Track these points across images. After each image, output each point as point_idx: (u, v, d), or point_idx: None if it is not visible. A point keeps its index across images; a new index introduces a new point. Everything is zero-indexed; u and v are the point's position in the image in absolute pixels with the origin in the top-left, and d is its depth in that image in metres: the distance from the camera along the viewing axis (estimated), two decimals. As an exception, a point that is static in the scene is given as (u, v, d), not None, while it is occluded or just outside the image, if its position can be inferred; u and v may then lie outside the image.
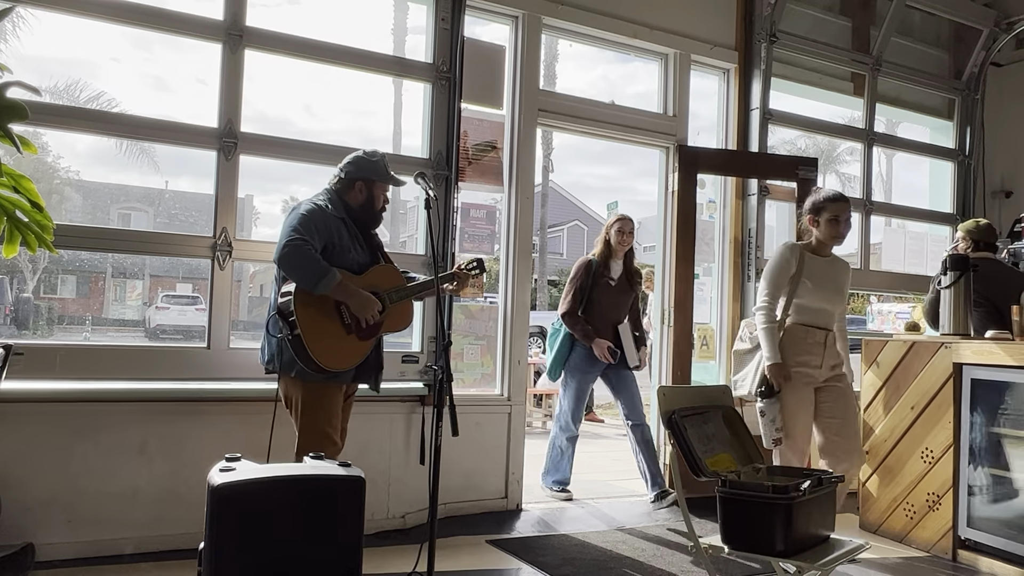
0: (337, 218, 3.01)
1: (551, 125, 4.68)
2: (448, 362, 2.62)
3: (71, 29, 3.22)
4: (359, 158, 3.12)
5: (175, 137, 3.59)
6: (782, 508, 2.19)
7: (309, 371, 2.88)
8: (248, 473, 2.09)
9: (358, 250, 3.04)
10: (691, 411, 2.49)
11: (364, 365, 3.05)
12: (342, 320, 2.91)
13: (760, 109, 4.98)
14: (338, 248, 2.96)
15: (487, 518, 4.11)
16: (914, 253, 5.85)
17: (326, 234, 2.93)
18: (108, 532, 3.27)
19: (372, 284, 3.00)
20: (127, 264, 16.49)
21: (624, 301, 4.72)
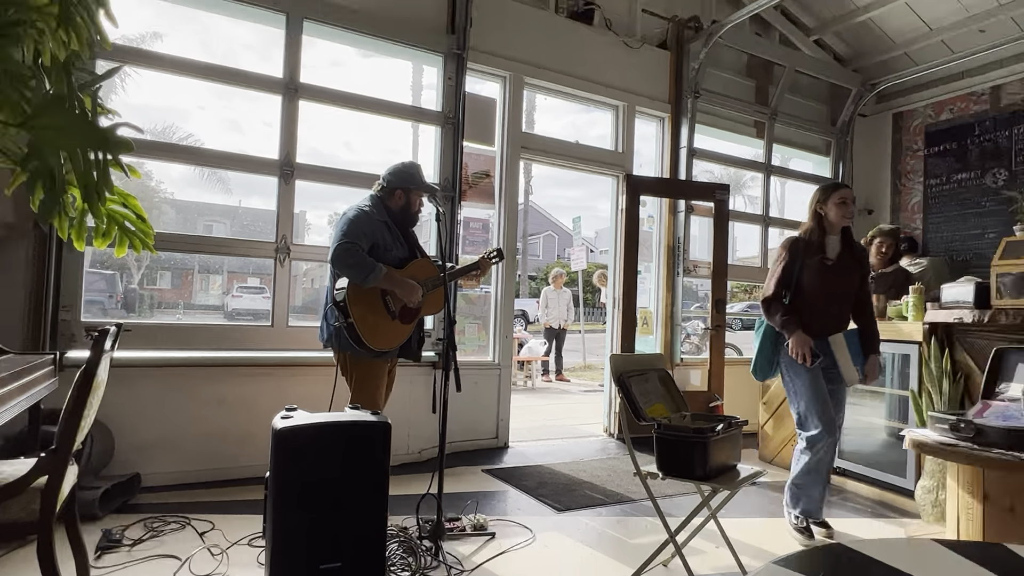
0: (380, 221, 2.84)
1: (531, 159, 4.67)
2: (453, 336, 2.60)
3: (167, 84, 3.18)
4: (398, 169, 2.89)
5: (246, 166, 3.55)
6: (701, 444, 2.20)
7: (361, 351, 2.77)
8: (302, 420, 2.07)
9: (399, 247, 2.88)
10: (635, 372, 2.49)
11: (407, 343, 2.91)
12: (387, 309, 2.78)
13: (687, 148, 4.99)
14: (382, 247, 2.81)
15: (482, 453, 4.12)
16: (800, 255, 5.89)
17: (372, 235, 2.76)
18: (196, 464, 3.26)
19: (412, 275, 2.85)
20: (210, 263, 16.31)
21: (845, 286, 2.89)
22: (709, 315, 4.95)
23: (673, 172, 5.05)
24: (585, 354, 11.20)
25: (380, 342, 2.74)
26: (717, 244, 4.93)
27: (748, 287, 23.39)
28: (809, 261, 2.86)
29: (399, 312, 2.80)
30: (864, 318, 2.96)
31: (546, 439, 4.74)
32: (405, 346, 2.91)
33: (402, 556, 2.39)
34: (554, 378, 8.95)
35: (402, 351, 2.93)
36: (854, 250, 2.93)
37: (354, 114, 3.89)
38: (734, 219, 5.45)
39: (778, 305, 2.87)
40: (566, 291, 9.10)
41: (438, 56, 4.10)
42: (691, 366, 5.02)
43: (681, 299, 4.99)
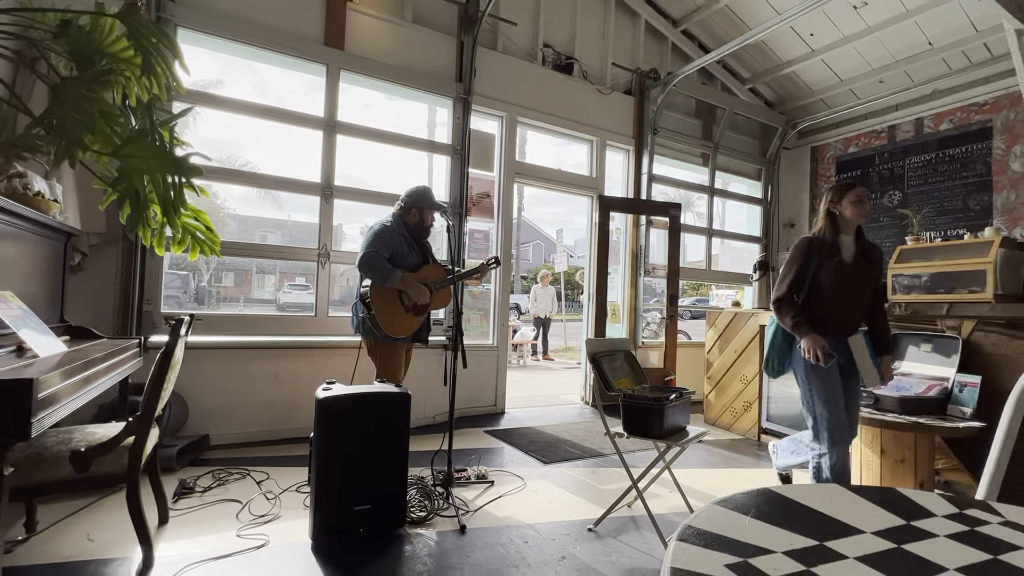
0: (399, 233, 2.88)
1: (523, 182, 4.66)
2: (460, 324, 2.60)
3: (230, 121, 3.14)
4: (413, 192, 2.92)
5: (294, 188, 3.53)
6: (659, 410, 2.21)
7: (380, 335, 2.82)
8: (340, 391, 2.07)
9: (414, 255, 2.92)
10: (605, 353, 2.50)
11: (418, 331, 2.95)
12: (402, 304, 2.83)
13: (648, 173, 4.98)
14: (399, 255, 2.86)
15: (484, 418, 4.12)
16: (736, 260, 5.90)
17: (391, 245, 2.80)
18: (255, 427, 3.25)
19: (424, 278, 2.89)
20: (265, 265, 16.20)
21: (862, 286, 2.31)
22: (664, 307, 4.96)
23: (636, 193, 5.05)
24: (566, 338, 11.20)
25: (396, 330, 2.80)
26: (671, 251, 4.94)
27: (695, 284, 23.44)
28: (826, 262, 2.27)
29: (412, 307, 2.84)
30: (877, 318, 2.36)
31: (535, 406, 4.75)
32: (416, 333, 2.95)
33: (420, 500, 2.40)
34: (541, 358, 8.95)
35: (414, 336, 2.97)
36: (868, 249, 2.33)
37: (380, 146, 3.88)
38: (685, 231, 5.46)
39: (789, 307, 2.29)
40: (551, 288, 9.10)
41: (448, 99, 4.08)
42: (650, 348, 5.04)
43: (642, 294, 5.00)
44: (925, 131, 5.01)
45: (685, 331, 9.31)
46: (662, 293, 5.10)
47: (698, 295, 22.03)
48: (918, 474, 2.46)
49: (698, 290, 23.13)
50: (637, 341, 4.94)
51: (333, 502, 1.99)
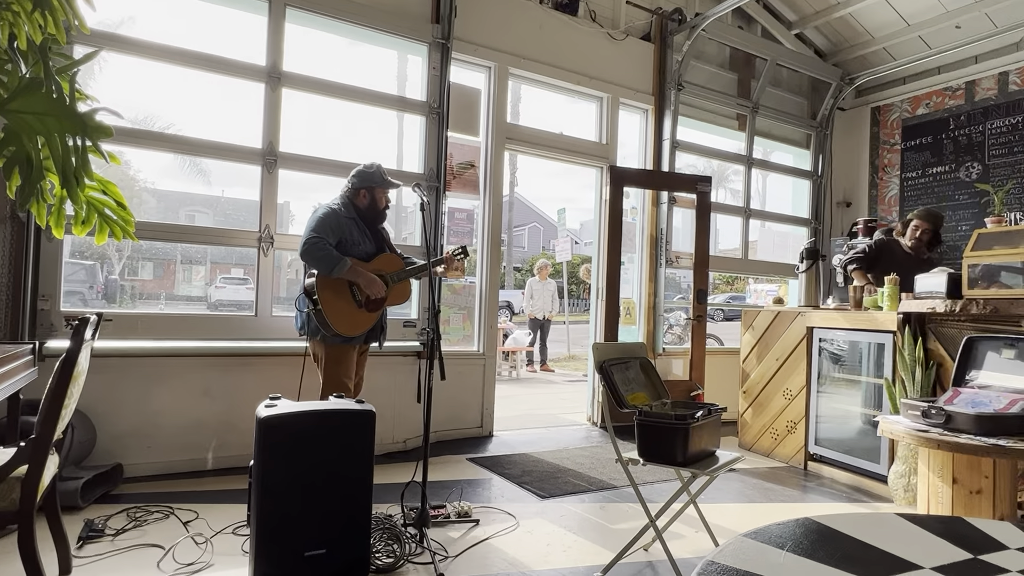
0: (348, 218, 2.98)
1: (515, 149, 4.66)
2: (437, 326, 2.61)
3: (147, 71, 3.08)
4: (360, 171, 3.06)
5: (229, 155, 3.50)
6: (682, 431, 2.23)
7: (329, 335, 2.89)
8: (286, 408, 2.07)
9: (366, 243, 3.02)
10: (617, 361, 2.52)
11: (372, 330, 3.04)
12: (353, 297, 2.92)
13: (670, 139, 5.01)
14: (349, 242, 2.95)
15: (467, 442, 4.14)
16: (779, 247, 5.95)
17: (339, 231, 2.91)
18: (180, 454, 3.24)
19: (378, 268, 2.98)
20: (192, 253, 16.09)
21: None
22: (691, 305, 4.99)
23: (656, 164, 5.07)
24: (569, 344, 11.25)
25: (346, 327, 2.89)
26: (699, 235, 4.97)
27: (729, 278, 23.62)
28: None
29: (365, 301, 2.93)
30: None
31: (530, 428, 4.77)
32: (369, 332, 3.03)
33: (387, 543, 2.40)
34: (538, 368, 8.98)
35: (368, 336, 3.05)
36: None
37: (338, 103, 3.85)
38: (716, 211, 5.48)
39: None
40: (551, 282, 9.13)
41: (422, 45, 4.06)
42: (673, 356, 5.07)
43: (664, 290, 5.03)
44: (1011, 89, 5.07)
45: (716, 335, 9.39)
46: (688, 288, 5.14)
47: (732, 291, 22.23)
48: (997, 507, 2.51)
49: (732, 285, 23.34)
50: (657, 347, 4.98)
51: (278, 547, 1.99)
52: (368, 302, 2.94)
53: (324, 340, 2.93)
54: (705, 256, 4.98)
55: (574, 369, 9.46)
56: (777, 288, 5.91)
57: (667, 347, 5.12)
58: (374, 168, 3.06)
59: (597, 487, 3.30)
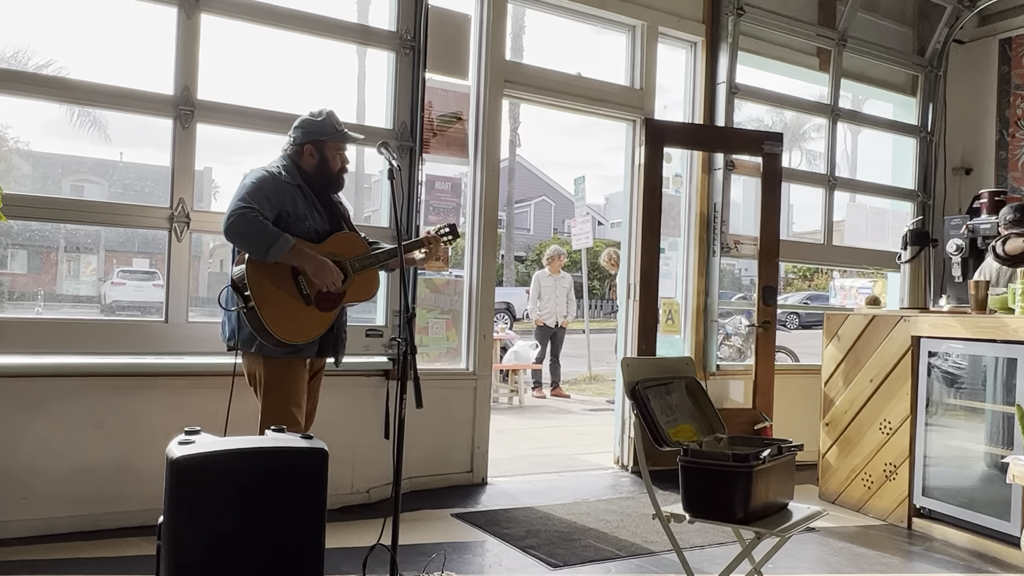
0: (291, 185, 2.94)
1: (517, 96, 4.65)
2: (412, 335, 2.60)
3: (18, -9, 3.07)
4: (304, 120, 3.04)
5: (129, 104, 3.49)
6: (742, 476, 2.23)
7: (269, 346, 2.84)
8: (207, 446, 2.07)
9: (316, 218, 2.98)
10: (654, 382, 2.52)
11: (327, 338, 3.00)
12: (300, 290, 2.86)
13: (727, 83, 5.00)
14: (292, 217, 2.89)
15: (452, 492, 4.13)
16: (876, 229, 5.95)
17: (278, 202, 2.87)
18: (64, 509, 3.23)
19: (332, 252, 2.93)
20: (80, 237, 16.10)
21: None
22: (755, 308, 4.99)
23: (708, 116, 5.06)
24: (590, 361, 11.25)
25: (289, 331, 2.83)
26: (766, 213, 4.97)
27: (808, 271, 23.60)
28: None
29: (316, 296, 2.89)
30: None
31: (537, 473, 4.76)
32: (323, 340, 2.99)
33: (344, 628, 2.40)
34: (549, 393, 8.99)
35: (323, 347, 3.02)
36: None
37: (277, 35, 3.84)
38: (789, 180, 5.48)
39: None
40: (565, 277, 9.13)
41: (391, -45, 4.07)
42: (731, 375, 5.06)
43: (718, 287, 5.03)
44: None
45: (787, 348, 9.37)
46: (751, 285, 5.14)
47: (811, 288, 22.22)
48: None
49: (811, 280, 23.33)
50: (708, 364, 4.98)
51: (198, 632, 2.00)
52: (320, 297, 2.89)
53: (262, 353, 2.88)
54: (774, 241, 4.97)
55: (596, 394, 9.45)
56: (871, 284, 5.90)
57: (722, 364, 5.12)
58: (323, 116, 3.04)
59: (628, 553, 3.30)
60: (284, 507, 2.08)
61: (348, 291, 2.97)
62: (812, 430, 4.55)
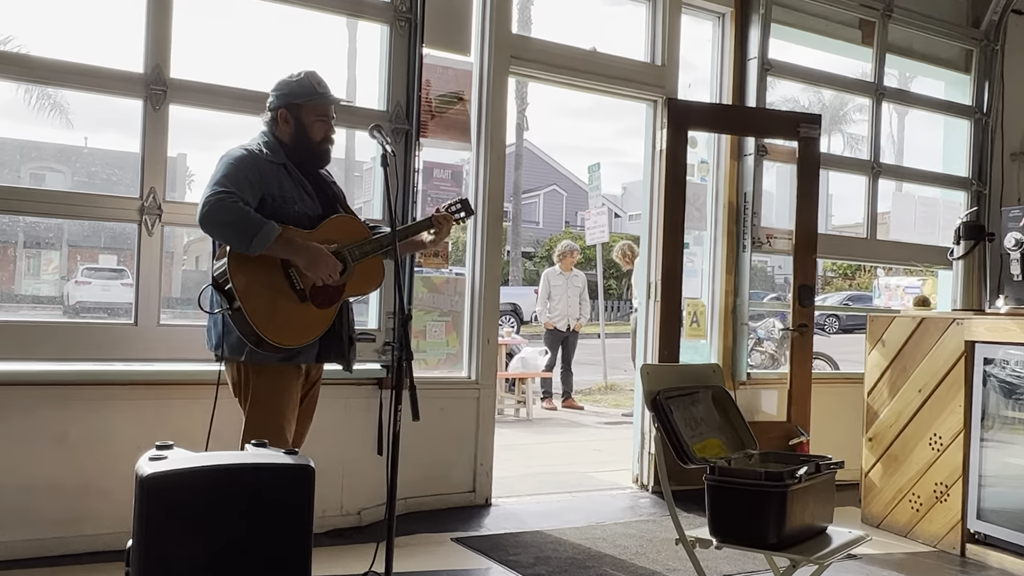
0: (274, 164, 2.86)
1: (525, 74, 4.64)
2: (408, 339, 2.60)
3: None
4: (279, 82, 2.95)
5: (95, 84, 3.50)
6: (776, 497, 2.22)
7: (262, 352, 2.76)
8: (181, 462, 2.07)
9: (306, 200, 2.90)
10: (677, 392, 2.51)
11: (328, 339, 2.91)
12: (292, 285, 2.78)
13: (758, 59, 4.98)
14: (278, 200, 2.82)
15: (453, 514, 4.13)
16: (925, 221, 5.92)
17: (260, 184, 2.79)
18: (22, 532, 3.24)
19: (328, 239, 2.84)
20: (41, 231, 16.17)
21: None
22: (789, 309, 4.98)
23: (738, 96, 5.05)
24: (606, 369, 11.25)
25: (283, 333, 2.74)
26: (802, 204, 4.96)
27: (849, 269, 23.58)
28: None
29: (310, 291, 2.80)
30: None
31: (547, 493, 4.76)
32: (323, 343, 2.90)
33: (332, 665, 2.41)
34: (560, 404, 9.00)
35: (323, 350, 2.92)
36: None
37: (259, 7, 3.85)
38: (828, 166, 5.45)
39: None
40: (578, 275, 9.13)
41: (385, -82, 4.07)
42: (763, 384, 5.05)
43: (748, 286, 5.02)
44: None
45: (826, 354, 9.33)
46: (785, 284, 5.13)
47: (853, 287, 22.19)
48: None
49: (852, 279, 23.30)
50: (738, 372, 4.98)
51: (171, 669, 2.00)
52: (316, 291, 2.80)
53: (252, 359, 2.80)
54: (812, 234, 4.96)
55: (613, 405, 9.45)
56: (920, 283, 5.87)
57: (754, 372, 5.11)
58: (301, 76, 2.93)
59: (648, 582, 3.30)
60: (266, 530, 2.08)
61: (348, 283, 2.89)
62: (854, 446, 4.54)
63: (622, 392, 10.35)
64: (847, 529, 2.52)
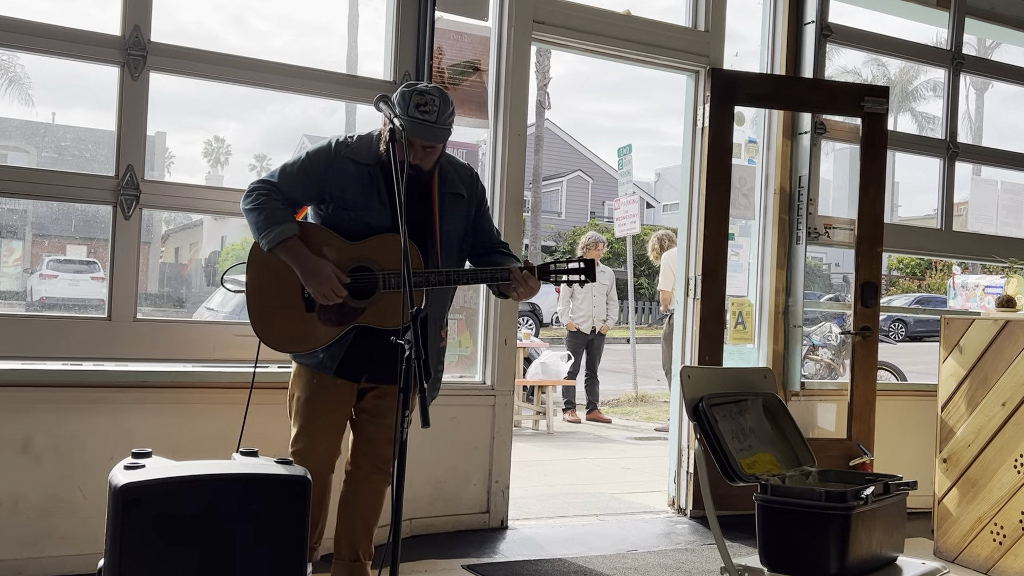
0: (356, 163, 2.98)
1: (549, 41, 4.63)
2: (419, 336, 2.60)
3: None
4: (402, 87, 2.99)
5: (65, 48, 3.51)
6: (838, 520, 2.21)
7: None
8: (160, 471, 2.08)
9: (376, 209, 2.95)
10: (723, 399, 2.50)
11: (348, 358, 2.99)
12: (302, 293, 2.91)
13: (817, 23, 4.95)
14: (337, 202, 2.96)
15: (464, 537, 4.14)
16: (1009, 211, 5.87)
17: (321, 182, 2.96)
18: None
19: (369, 257, 2.92)
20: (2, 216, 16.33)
21: None
22: (851, 311, 4.95)
23: (792, 66, 5.03)
24: (636, 378, 11.25)
25: (271, 334, 2.95)
26: (867, 189, 4.92)
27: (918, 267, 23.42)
28: None
29: (319, 305, 2.91)
30: None
31: (571, 516, 4.76)
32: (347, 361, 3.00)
33: None
34: (584, 416, 8.99)
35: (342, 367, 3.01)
36: None
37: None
38: (896, 146, 5.42)
39: None
40: (606, 271, 9.12)
41: None
42: (818, 396, 5.02)
43: (803, 283, 5.00)
44: None
45: (891, 364, 9.27)
46: (844, 284, 5.10)
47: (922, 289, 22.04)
48: None
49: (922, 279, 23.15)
50: (791, 382, 4.95)
51: None
52: (325, 307, 2.90)
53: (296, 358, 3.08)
54: (877, 224, 4.93)
55: (645, 418, 9.43)
56: (1003, 282, 5.82)
57: (808, 382, 5.08)
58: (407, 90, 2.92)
59: (687, 618, 3.30)
60: (255, 548, 2.09)
61: (370, 310, 2.93)
62: (925, 468, 4.51)
63: (654, 404, 10.34)
64: (920, 561, 2.50)
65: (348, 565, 3.13)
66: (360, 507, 3.13)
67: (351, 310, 2.93)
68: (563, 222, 31.30)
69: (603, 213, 31.72)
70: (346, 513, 3.14)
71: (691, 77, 4.91)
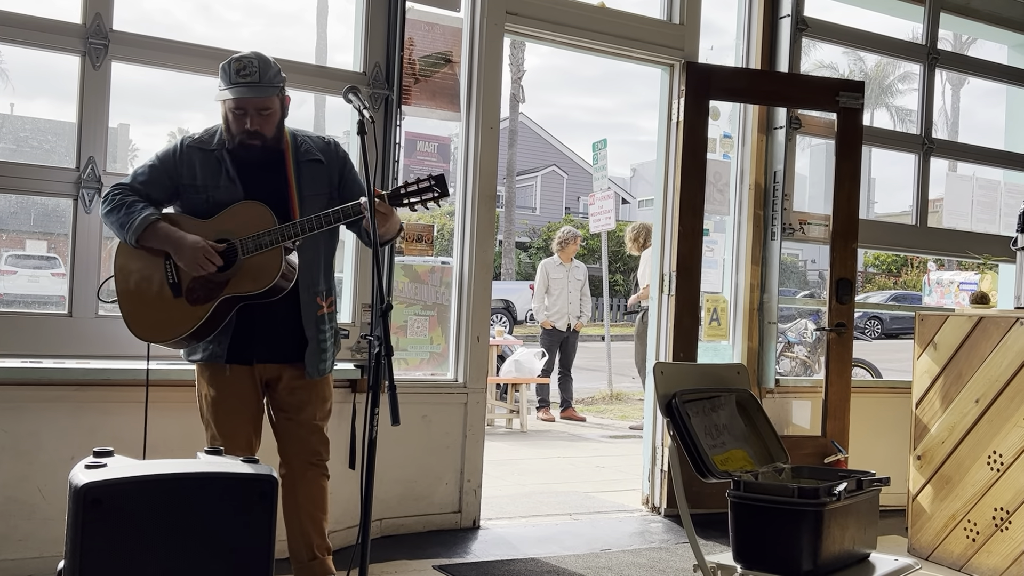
0: (203, 151, 3.07)
1: (523, 33, 4.63)
2: (387, 333, 2.60)
3: None
4: None
5: (23, 36, 3.47)
6: (811, 516, 2.23)
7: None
8: (122, 471, 2.06)
9: (223, 187, 3.02)
10: (697, 395, 2.51)
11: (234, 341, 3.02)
12: (167, 278, 2.98)
13: (792, 17, 4.97)
14: (190, 188, 3.05)
15: (435, 537, 4.15)
16: (984, 207, 5.92)
17: (175, 174, 3.06)
18: (-64, 555, 3.24)
19: (224, 229, 2.96)
20: (-41, 212, 16.12)
21: None
22: (826, 307, 4.99)
23: (768, 60, 5.06)
24: (611, 376, 11.28)
25: (143, 326, 3.01)
26: (842, 184, 4.96)
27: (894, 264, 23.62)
28: None
29: (186, 286, 2.96)
30: None
31: (544, 515, 4.77)
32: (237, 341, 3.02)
33: None
34: (559, 414, 9.01)
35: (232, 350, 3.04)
36: None
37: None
38: (872, 142, 5.45)
39: None
40: (580, 267, 9.14)
41: None
42: (793, 394, 5.06)
43: (778, 280, 5.03)
44: None
45: (867, 361, 9.35)
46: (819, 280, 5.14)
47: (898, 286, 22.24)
48: None
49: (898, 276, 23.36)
50: (765, 379, 4.99)
51: None
52: (193, 287, 2.95)
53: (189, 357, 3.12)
54: (852, 220, 4.97)
55: (619, 417, 9.45)
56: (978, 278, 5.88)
57: (783, 378, 5.12)
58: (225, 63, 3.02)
59: (661, 617, 3.32)
60: (220, 548, 2.08)
61: (232, 279, 2.94)
62: (900, 465, 4.55)
63: (629, 402, 10.36)
64: (892, 557, 2.53)
65: (307, 565, 3.16)
66: (304, 507, 3.16)
67: (216, 284, 2.96)
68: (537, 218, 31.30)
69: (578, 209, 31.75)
70: (293, 517, 3.14)
71: (666, 71, 4.93)
